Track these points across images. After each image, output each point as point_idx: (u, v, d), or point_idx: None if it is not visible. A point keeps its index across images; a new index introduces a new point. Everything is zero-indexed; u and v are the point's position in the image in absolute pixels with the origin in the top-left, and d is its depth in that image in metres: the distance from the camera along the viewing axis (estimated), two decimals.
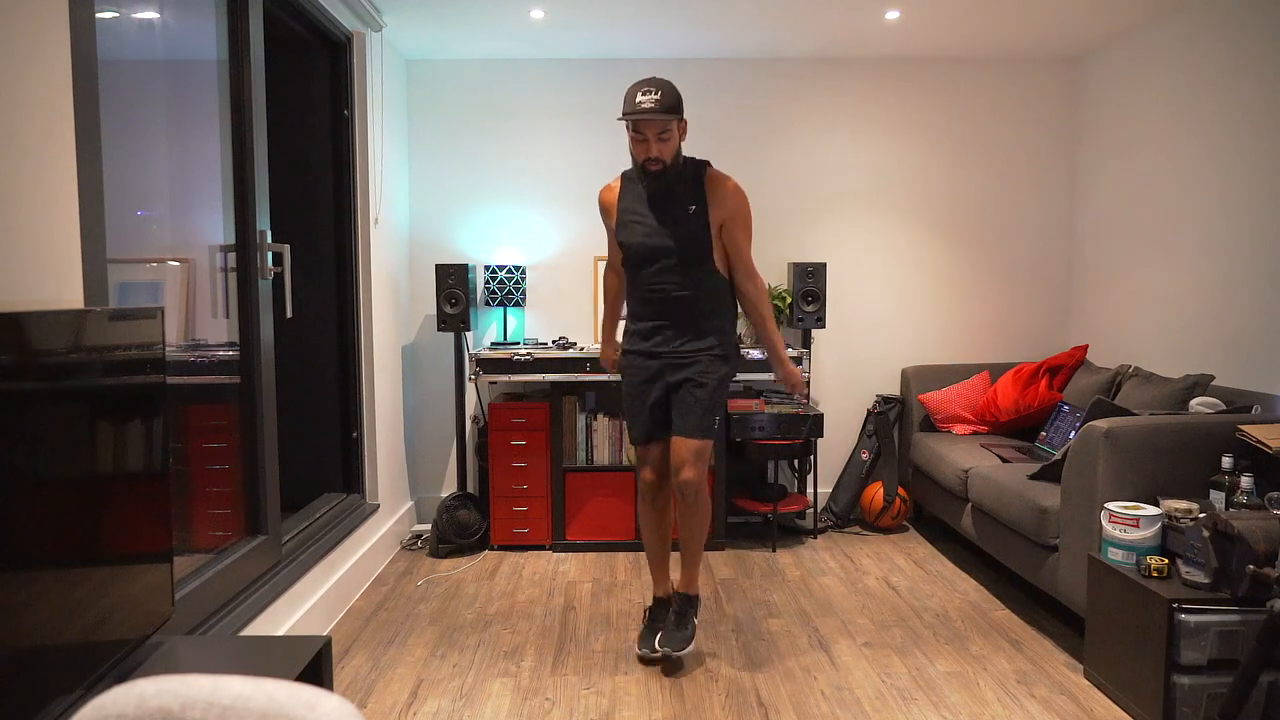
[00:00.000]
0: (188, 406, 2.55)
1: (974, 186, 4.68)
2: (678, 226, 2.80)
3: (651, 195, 2.82)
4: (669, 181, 2.79)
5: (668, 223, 2.80)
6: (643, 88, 2.66)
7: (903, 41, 4.27)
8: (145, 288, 2.39)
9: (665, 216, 2.81)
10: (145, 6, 2.38)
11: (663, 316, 2.87)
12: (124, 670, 1.65)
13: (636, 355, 2.93)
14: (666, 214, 2.81)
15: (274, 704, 0.84)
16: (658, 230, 2.81)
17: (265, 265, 2.80)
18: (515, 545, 4.22)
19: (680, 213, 2.80)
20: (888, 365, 4.74)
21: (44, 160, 1.69)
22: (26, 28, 1.64)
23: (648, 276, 2.85)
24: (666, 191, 2.81)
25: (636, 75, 4.52)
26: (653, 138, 2.69)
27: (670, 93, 2.67)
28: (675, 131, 2.72)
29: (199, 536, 2.60)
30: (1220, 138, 3.51)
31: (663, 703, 2.70)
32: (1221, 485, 2.73)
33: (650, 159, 2.72)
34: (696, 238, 2.81)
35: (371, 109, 3.84)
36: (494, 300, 4.44)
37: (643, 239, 2.83)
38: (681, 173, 2.82)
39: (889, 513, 4.44)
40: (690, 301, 2.84)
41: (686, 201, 2.80)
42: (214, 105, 2.65)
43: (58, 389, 1.44)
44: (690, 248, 2.81)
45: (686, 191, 2.81)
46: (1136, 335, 4.09)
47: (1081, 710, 2.63)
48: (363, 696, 2.75)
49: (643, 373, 2.92)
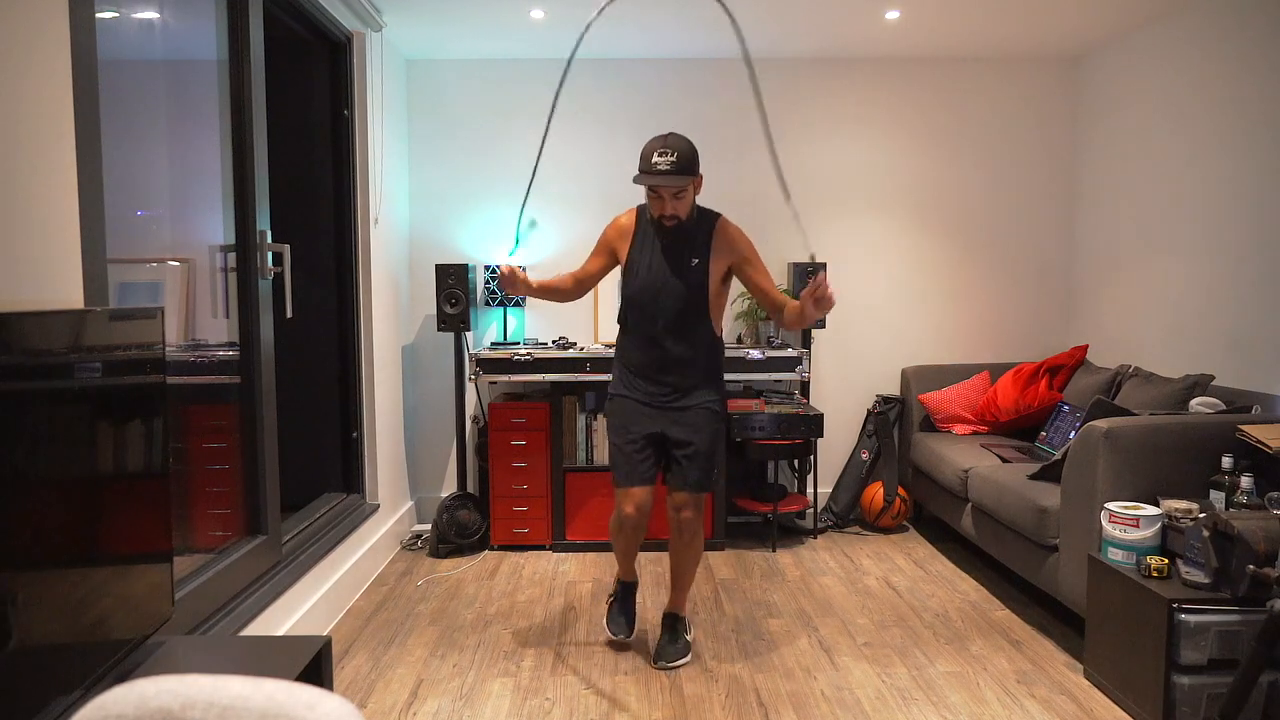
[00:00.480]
0: (188, 406, 2.55)
1: (974, 186, 4.68)
2: (681, 280, 2.84)
3: (663, 246, 2.87)
4: (683, 235, 2.86)
5: (672, 275, 2.85)
6: (658, 148, 2.71)
7: (903, 41, 4.27)
8: (145, 288, 2.39)
9: (672, 268, 2.85)
10: (145, 6, 2.38)
11: (658, 366, 2.89)
12: (124, 670, 1.65)
13: (629, 401, 2.93)
14: (673, 266, 2.85)
15: (274, 704, 0.84)
16: (662, 282, 2.85)
17: (265, 265, 2.79)
18: (515, 545, 4.22)
19: (685, 266, 2.85)
20: (888, 365, 4.74)
21: (44, 160, 1.69)
22: (26, 28, 1.64)
23: (647, 327, 2.88)
24: (678, 243, 2.86)
25: (636, 75, 4.52)
26: (668, 197, 2.75)
27: (685, 153, 2.71)
28: (690, 190, 2.78)
29: (199, 536, 2.60)
30: (1220, 138, 3.51)
31: (663, 703, 2.70)
32: (1221, 485, 2.73)
33: (666, 216, 2.79)
34: (696, 293, 2.85)
35: (371, 109, 3.84)
36: (494, 300, 4.44)
37: (646, 289, 2.86)
38: (696, 226, 2.87)
39: (889, 513, 4.44)
40: (688, 355, 2.88)
41: (691, 255, 2.85)
42: (214, 105, 2.65)
43: (58, 389, 1.44)
44: (690, 303, 2.85)
45: (695, 244, 2.86)
46: (1136, 335, 4.09)
47: (1081, 710, 2.63)
48: (363, 696, 2.75)
49: (634, 419, 2.90)
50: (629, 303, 2.92)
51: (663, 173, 2.69)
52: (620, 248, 2.94)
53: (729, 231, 2.88)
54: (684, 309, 2.85)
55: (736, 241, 2.87)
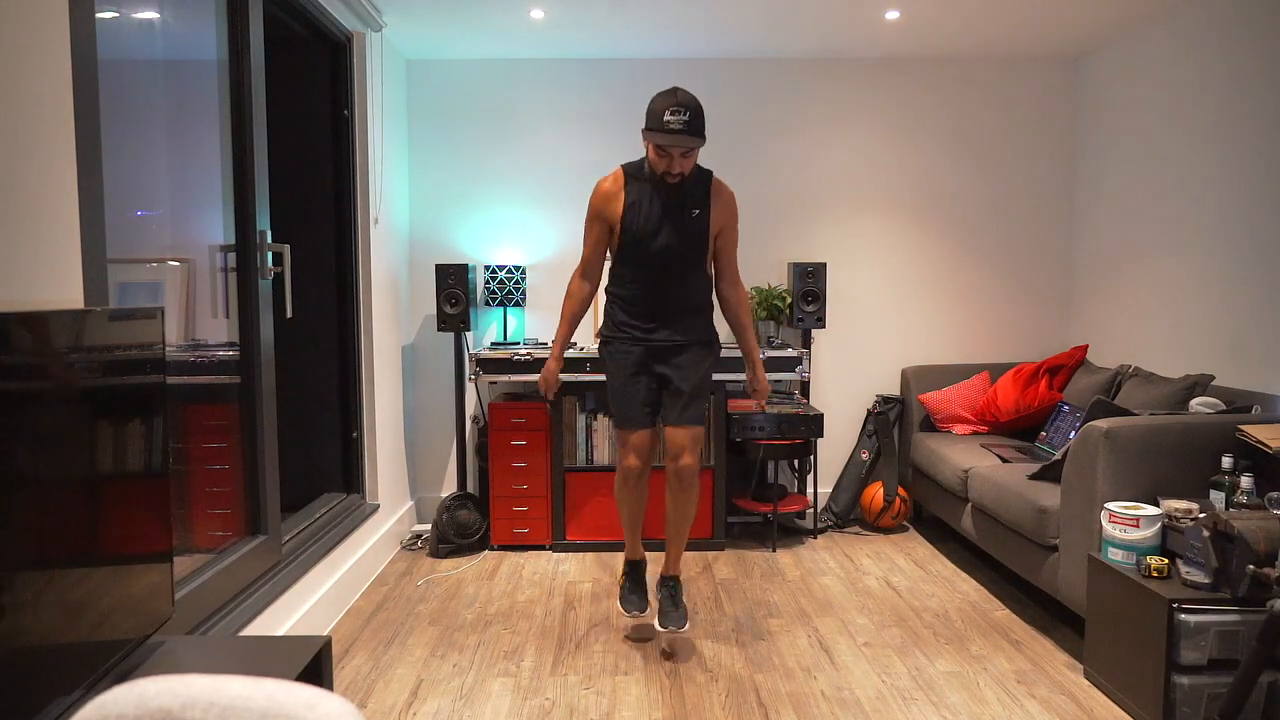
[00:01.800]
0: (188, 406, 2.55)
1: (974, 186, 4.68)
2: (682, 230, 2.93)
3: (664, 202, 2.91)
4: (683, 189, 2.91)
5: (674, 226, 2.93)
6: (671, 106, 2.72)
7: (903, 41, 4.27)
8: (145, 288, 2.39)
9: (673, 220, 2.92)
10: (145, 6, 2.38)
11: (657, 310, 2.99)
12: (124, 670, 1.65)
13: (626, 342, 3.02)
14: (674, 218, 2.92)
15: (274, 704, 0.84)
16: (665, 232, 2.92)
17: (265, 265, 2.80)
18: (515, 545, 4.22)
19: (685, 217, 2.93)
20: (888, 365, 4.74)
21: (44, 160, 1.69)
22: (26, 28, 1.64)
23: (647, 273, 2.96)
24: (678, 198, 2.92)
25: (636, 75, 4.52)
26: (677, 155, 2.79)
27: (698, 112, 2.76)
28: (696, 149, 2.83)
29: (199, 536, 2.60)
30: (1220, 137, 3.51)
31: (663, 703, 2.70)
32: (1221, 485, 2.73)
33: (671, 173, 2.83)
34: (698, 242, 2.96)
35: (371, 109, 3.84)
36: (494, 300, 4.44)
37: (650, 238, 2.92)
38: (695, 182, 2.94)
39: (889, 513, 4.44)
40: (684, 298, 3.00)
41: (692, 207, 2.93)
42: (214, 105, 2.65)
43: (57, 389, 1.44)
44: (691, 251, 2.95)
45: (695, 197, 2.94)
46: (1136, 335, 4.09)
47: (1081, 710, 2.63)
48: (363, 696, 2.75)
49: (634, 362, 3.00)
50: (629, 248, 2.95)
51: (675, 132, 2.72)
52: (612, 208, 2.97)
53: (724, 191, 3.00)
54: (685, 254, 2.94)
55: (729, 203, 3.02)
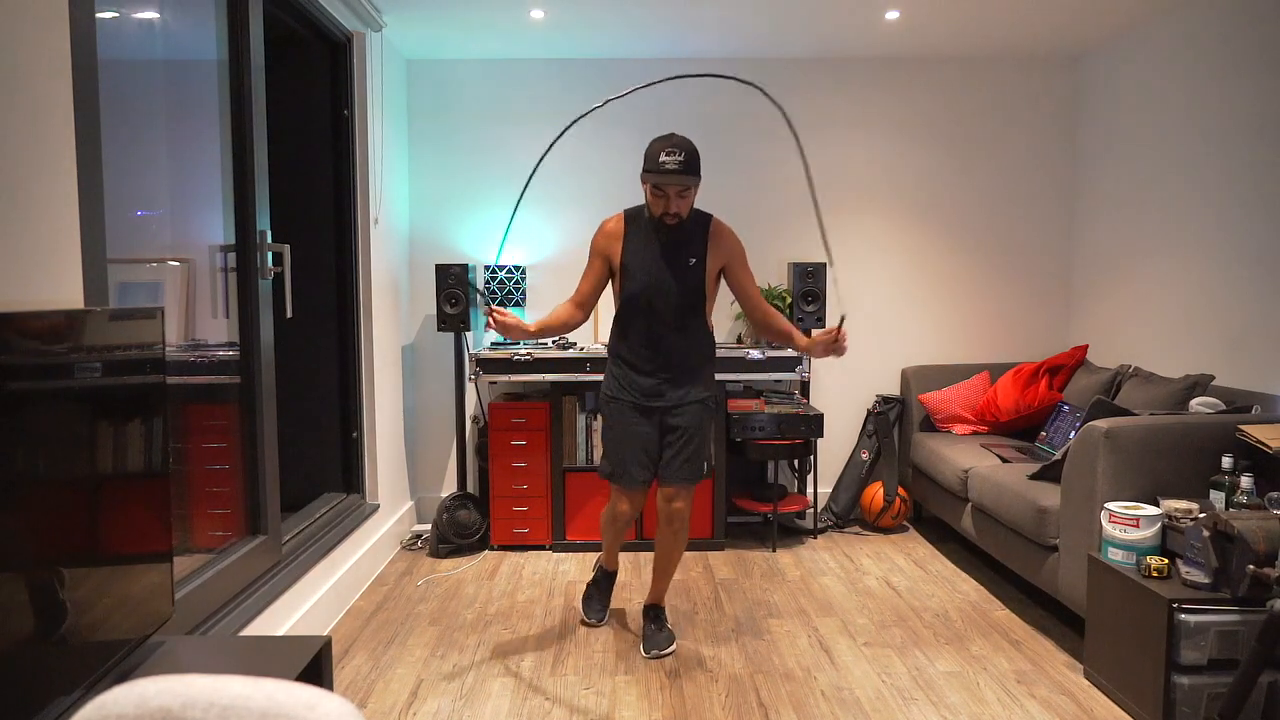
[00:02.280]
0: (188, 406, 2.55)
1: (974, 186, 4.68)
2: (680, 278, 2.91)
3: (663, 245, 2.91)
4: (681, 234, 2.90)
5: (672, 274, 2.91)
6: (665, 148, 2.76)
7: (903, 41, 4.27)
8: (145, 288, 2.39)
9: (670, 267, 2.91)
10: (145, 6, 2.38)
11: (658, 364, 2.96)
12: (124, 670, 1.65)
13: (628, 407, 2.98)
14: (672, 264, 2.91)
15: (274, 704, 0.84)
16: (663, 280, 2.90)
17: (265, 265, 2.80)
18: (515, 545, 4.22)
19: (684, 265, 2.91)
20: (888, 365, 4.74)
21: (44, 160, 1.69)
22: (26, 28, 1.64)
23: (646, 324, 2.94)
24: (676, 242, 2.91)
25: (636, 75, 4.51)
26: (673, 195, 2.80)
27: (692, 153, 2.78)
28: (693, 189, 2.84)
29: (199, 536, 2.60)
30: (1220, 137, 3.51)
31: (663, 703, 2.70)
32: (1221, 485, 2.73)
33: (669, 214, 2.83)
34: (695, 290, 2.92)
35: (371, 109, 3.84)
36: (494, 300, 4.44)
37: (647, 288, 2.91)
38: (693, 226, 2.92)
39: (889, 513, 4.44)
40: (685, 351, 2.97)
41: (689, 254, 2.91)
42: (214, 105, 2.65)
43: (57, 389, 1.44)
44: (689, 300, 2.92)
45: (693, 244, 2.92)
46: (1136, 335, 4.09)
47: (1081, 710, 2.63)
48: (363, 696, 2.75)
49: (635, 421, 2.97)
50: (629, 302, 2.95)
51: (671, 171, 2.75)
52: (613, 249, 2.97)
53: (724, 232, 2.96)
54: (683, 306, 2.91)
55: (731, 243, 2.96)
